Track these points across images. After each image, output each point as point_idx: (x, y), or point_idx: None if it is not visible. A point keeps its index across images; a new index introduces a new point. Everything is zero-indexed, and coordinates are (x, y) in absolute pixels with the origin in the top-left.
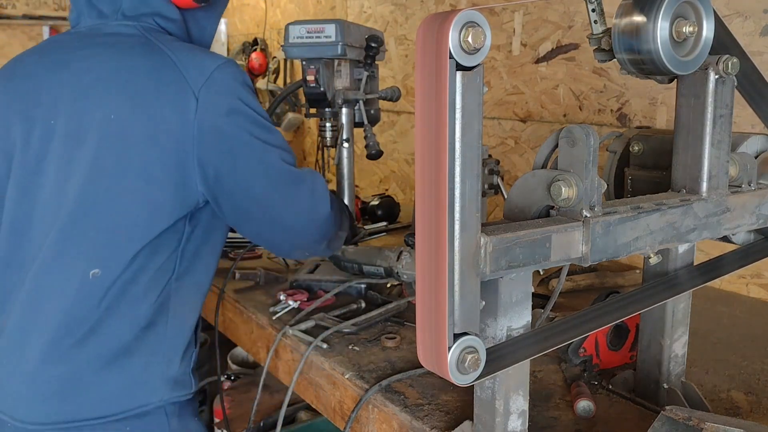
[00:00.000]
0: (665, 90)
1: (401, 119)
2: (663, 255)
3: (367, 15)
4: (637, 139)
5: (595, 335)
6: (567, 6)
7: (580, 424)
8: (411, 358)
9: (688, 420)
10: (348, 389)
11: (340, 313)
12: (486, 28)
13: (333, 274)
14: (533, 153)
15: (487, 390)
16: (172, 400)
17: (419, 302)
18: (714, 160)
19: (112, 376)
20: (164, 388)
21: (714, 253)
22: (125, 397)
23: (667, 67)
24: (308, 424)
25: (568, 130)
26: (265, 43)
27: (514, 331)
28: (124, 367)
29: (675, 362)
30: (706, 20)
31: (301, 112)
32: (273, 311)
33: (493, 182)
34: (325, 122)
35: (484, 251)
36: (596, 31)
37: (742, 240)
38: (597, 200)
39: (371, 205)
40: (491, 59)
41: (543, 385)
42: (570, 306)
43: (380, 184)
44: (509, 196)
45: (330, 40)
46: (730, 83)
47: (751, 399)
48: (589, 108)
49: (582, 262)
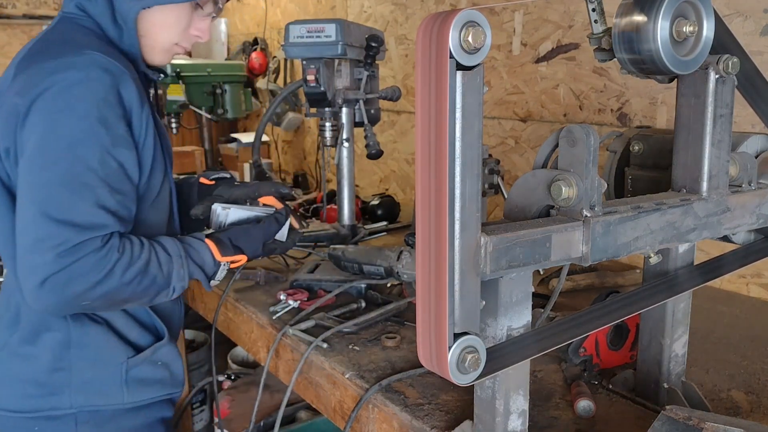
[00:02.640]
0: (665, 90)
1: (401, 119)
2: (663, 255)
3: (367, 15)
4: (638, 138)
5: (596, 335)
6: (567, 5)
7: (580, 423)
8: (411, 358)
9: (689, 420)
10: (348, 389)
11: (340, 312)
12: (486, 27)
13: (333, 273)
14: (533, 153)
15: (487, 390)
16: (88, 408)
17: (419, 302)
18: (714, 159)
19: (23, 372)
20: (77, 394)
21: (714, 253)
22: (35, 398)
23: (667, 67)
24: (308, 424)
25: (568, 130)
26: (265, 43)
27: (514, 330)
28: (33, 366)
29: (675, 362)
30: (706, 20)
31: (301, 112)
32: (273, 311)
33: (493, 182)
34: (325, 122)
35: (485, 251)
36: (596, 30)
37: (742, 240)
38: (597, 200)
39: (371, 205)
40: (491, 59)
41: (543, 385)
42: (570, 306)
43: (380, 183)
44: (509, 196)
45: (330, 40)
46: (731, 83)
47: (751, 399)
48: (590, 108)
49: (582, 262)
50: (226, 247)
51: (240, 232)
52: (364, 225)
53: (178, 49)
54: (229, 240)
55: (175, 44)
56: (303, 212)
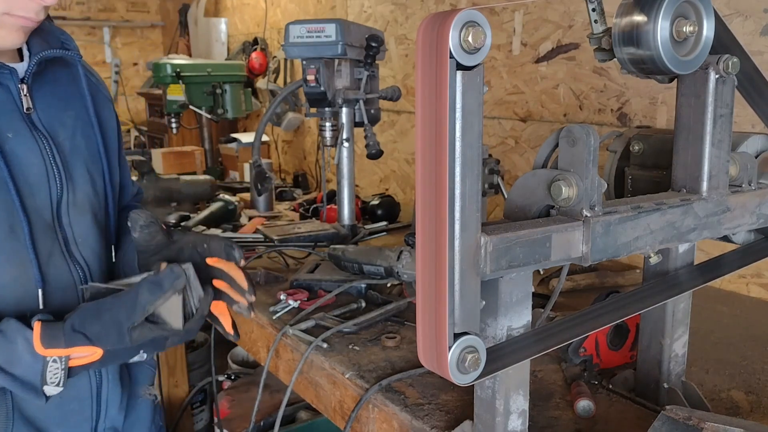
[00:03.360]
0: (665, 89)
1: (401, 119)
2: (663, 254)
3: (368, 14)
4: (638, 138)
5: (596, 335)
6: (567, 5)
7: (580, 423)
8: (411, 358)
9: (689, 420)
10: (348, 389)
11: (340, 312)
12: (486, 27)
13: (333, 273)
14: (533, 152)
15: (487, 390)
16: None
17: (419, 302)
18: (714, 159)
19: None
20: None
21: (714, 253)
22: None
23: (667, 67)
24: (308, 424)
25: (568, 130)
26: (265, 43)
27: (515, 330)
28: None
29: (675, 362)
30: (706, 20)
31: (301, 112)
32: (273, 311)
33: (493, 182)
34: (326, 122)
35: (485, 251)
36: (596, 30)
37: (742, 239)
38: (597, 200)
39: (371, 205)
40: (491, 59)
41: (543, 385)
42: (570, 306)
43: (380, 183)
44: (509, 196)
45: (330, 40)
46: (731, 83)
47: (751, 398)
48: (590, 107)
49: (582, 262)
50: (59, 333)
51: (88, 311)
52: (364, 225)
53: (14, 20)
54: (71, 324)
55: (4, 14)
56: (303, 212)
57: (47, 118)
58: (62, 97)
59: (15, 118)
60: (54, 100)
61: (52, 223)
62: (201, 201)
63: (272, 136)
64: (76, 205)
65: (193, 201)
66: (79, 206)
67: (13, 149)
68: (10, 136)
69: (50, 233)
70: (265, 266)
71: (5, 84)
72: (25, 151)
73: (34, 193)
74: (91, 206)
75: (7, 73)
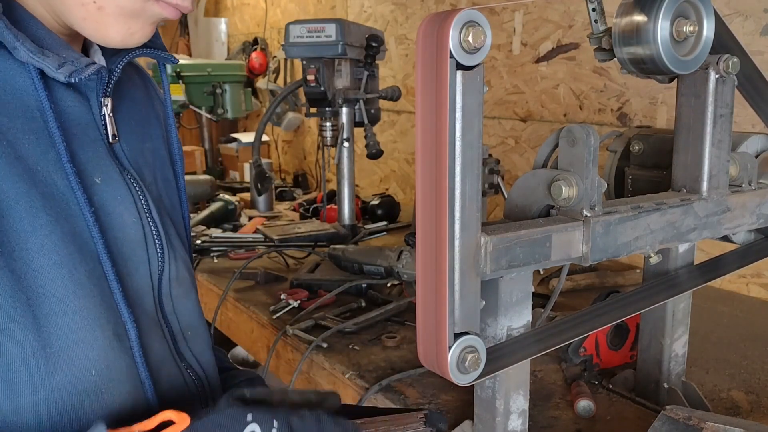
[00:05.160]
0: (665, 89)
1: (401, 119)
2: (663, 254)
3: (368, 14)
4: (638, 138)
5: (596, 335)
6: (567, 5)
7: (581, 423)
8: (411, 358)
9: (689, 419)
10: (348, 389)
11: (340, 312)
12: (486, 27)
13: (333, 273)
14: (533, 152)
15: (487, 389)
16: None
17: (419, 302)
18: (714, 159)
19: None
20: None
21: (714, 253)
22: None
23: (667, 67)
24: None
25: (568, 130)
26: (265, 43)
27: (515, 330)
28: None
29: (675, 362)
30: (706, 19)
31: (301, 112)
32: (273, 311)
33: (493, 182)
34: (326, 122)
35: (485, 251)
36: (596, 30)
37: (742, 239)
38: (597, 200)
39: (371, 205)
40: (491, 59)
41: (543, 385)
42: (570, 306)
43: (380, 183)
44: (509, 196)
45: (330, 40)
46: (731, 83)
47: (751, 398)
48: (590, 107)
49: (582, 262)
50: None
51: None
52: (364, 225)
53: (161, 8)
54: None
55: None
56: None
57: (132, 153)
58: (140, 121)
59: (100, 154)
60: (133, 126)
61: (155, 314)
62: (201, 201)
63: (272, 136)
64: (179, 282)
65: (193, 201)
66: (182, 284)
67: (104, 203)
68: (98, 181)
69: (156, 330)
70: (265, 266)
71: (86, 94)
72: (116, 205)
73: (131, 272)
74: (192, 282)
75: (93, 78)
